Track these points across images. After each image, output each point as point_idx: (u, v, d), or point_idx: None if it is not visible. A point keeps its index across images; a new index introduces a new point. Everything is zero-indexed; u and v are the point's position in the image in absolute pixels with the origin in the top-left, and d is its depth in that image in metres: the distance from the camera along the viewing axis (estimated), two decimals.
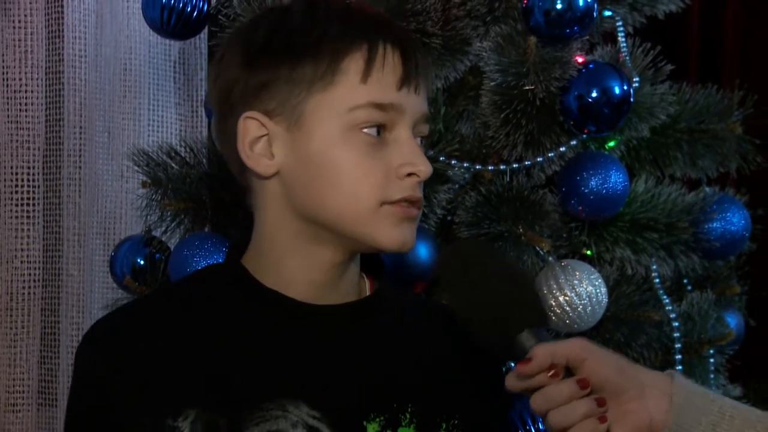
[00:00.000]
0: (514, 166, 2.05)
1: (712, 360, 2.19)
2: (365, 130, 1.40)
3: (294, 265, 1.45)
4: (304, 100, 1.40)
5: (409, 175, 1.41)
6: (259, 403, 1.39)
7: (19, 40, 2.69)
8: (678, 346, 2.12)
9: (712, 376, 2.19)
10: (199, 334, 1.44)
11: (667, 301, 2.13)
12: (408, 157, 1.41)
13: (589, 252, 2.12)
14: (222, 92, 1.47)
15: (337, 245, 1.44)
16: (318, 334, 1.44)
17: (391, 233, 1.41)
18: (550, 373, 1.27)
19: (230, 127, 1.45)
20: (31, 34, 2.69)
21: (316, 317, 1.44)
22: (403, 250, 1.44)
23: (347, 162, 1.40)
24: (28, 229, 2.70)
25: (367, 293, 1.51)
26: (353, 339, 1.45)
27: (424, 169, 1.42)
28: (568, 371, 1.28)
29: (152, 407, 1.39)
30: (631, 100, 2.04)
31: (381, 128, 1.41)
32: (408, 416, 1.42)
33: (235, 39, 1.50)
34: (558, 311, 1.98)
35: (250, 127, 1.43)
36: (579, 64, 2.03)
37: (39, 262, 2.72)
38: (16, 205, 2.69)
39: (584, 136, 2.07)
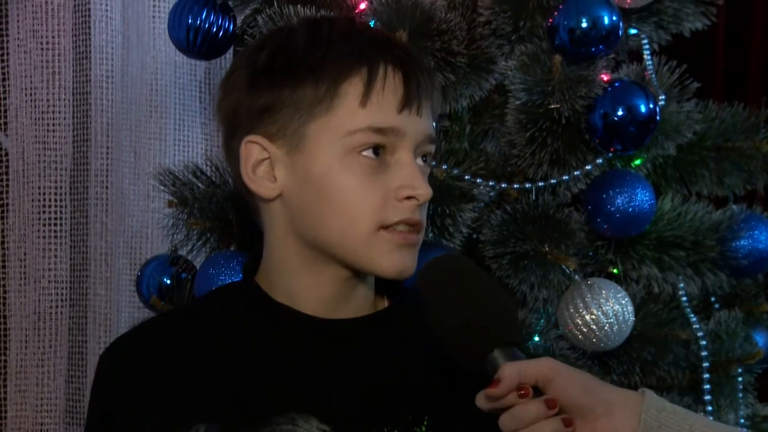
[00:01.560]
0: (540, 184, 2.05)
1: (740, 379, 2.18)
2: (364, 153, 1.41)
3: (302, 282, 1.47)
4: (304, 123, 1.42)
5: (409, 198, 1.42)
6: (269, 417, 1.40)
7: (47, 61, 2.71)
8: (705, 365, 2.11)
9: (740, 395, 2.17)
10: (212, 350, 1.47)
11: (694, 319, 2.13)
12: (407, 180, 1.42)
13: (615, 270, 2.12)
14: (227, 114, 1.49)
15: (341, 264, 1.45)
16: (328, 348, 1.45)
17: (389, 259, 1.42)
18: (520, 393, 1.27)
19: (234, 149, 1.47)
20: (59, 56, 2.71)
21: (326, 331, 1.46)
22: (402, 277, 1.45)
23: (346, 186, 1.41)
24: (56, 249, 2.72)
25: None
26: (364, 352, 1.46)
27: (423, 192, 1.42)
28: (537, 391, 1.28)
29: (164, 421, 1.42)
30: (657, 118, 2.04)
31: (381, 150, 1.41)
32: (424, 429, 1.42)
33: (241, 60, 1.51)
34: (584, 330, 1.97)
35: (252, 150, 1.45)
36: (604, 82, 2.03)
37: (66, 281, 2.73)
38: (44, 225, 2.70)
39: (610, 154, 2.07)
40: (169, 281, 2.16)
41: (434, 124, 1.49)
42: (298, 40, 1.45)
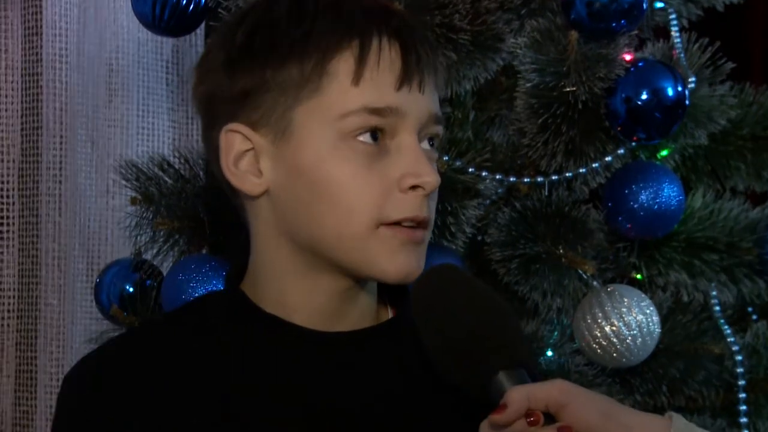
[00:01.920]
0: (553, 178, 2.07)
1: None
2: (360, 138, 1.40)
3: (295, 291, 1.46)
4: (291, 108, 1.41)
5: (414, 188, 1.40)
6: None
7: None
8: (742, 383, 2.12)
9: None
10: (196, 370, 1.46)
11: (728, 331, 2.14)
12: (411, 167, 1.40)
13: (639, 276, 2.13)
14: (203, 101, 1.49)
15: (338, 271, 1.44)
16: (324, 364, 1.46)
17: (393, 260, 1.41)
18: (529, 420, 1.26)
19: (213, 141, 1.46)
20: (5, 32, 2.72)
21: (321, 345, 1.46)
22: (408, 281, 1.42)
23: (341, 176, 1.40)
24: (1, 253, 2.72)
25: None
26: (363, 370, 1.47)
27: (430, 180, 1.40)
28: (549, 417, 1.28)
29: None
30: (687, 102, 2.05)
31: (379, 134, 1.41)
32: None
33: (216, 39, 1.51)
34: (604, 343, 1.99)
35: (233, 141, 1.44)
36: (627, 62, 2.05)
37: (14, 289, 2.74)
38: None
39: (633, 143, 2.08)
40: (131, 289, 2.17)
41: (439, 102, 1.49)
42: (280, 14, 1.44)
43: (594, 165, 2.06)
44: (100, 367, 1.49)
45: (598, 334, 1.99)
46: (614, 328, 1.98)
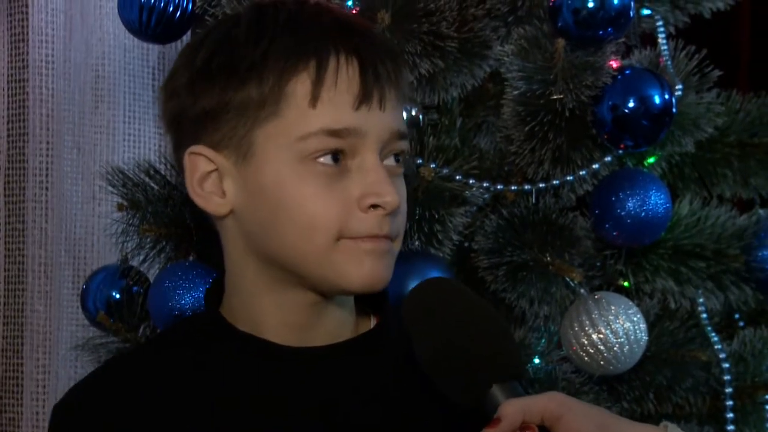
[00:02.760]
0: (540, 185, 2.06)
1: (767, 407, 2.19)
2: (321, 160, 1.39)
3: (264, 306, 1.46)
4: (251, 130, 1.40)
5: (374, 207, 1.40)
6: None
7: None
8: (728, 390, 2.12)
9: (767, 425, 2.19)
10: (179, 392, 1.46)
11: (715, 339, 2.14)
12: (371, 187, 1.39)
13: (626, 283, 2.13)
14: (170, 122, 1.48)
15: (306, 286, 1.44)
16: (297, 378, 1.45)
17: (357, 270, 1.40)
18: None
19: (180, 161, 1.46)
20: None
21: (294, 361, 1.45)
22: (375, 289, 1.42)
23: (301, 198, 1.39)
24: None
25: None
26: (339, 384, 1.46)
27: (390, 199, 1.39)
28: (544, 430, 1.27)
29: None
30: (674, 110, 2.05)
31: (340, 155, 1.39)
32: None
33: (180, 59, 1.49)
34: (591, 351, 1.98)
35: (198, 162, 1.43)
36: (613, 69, 2.04)
37: (0, 296, 2.73)
38: None
39: (620, 151, 2.08)
40: (118, 295, 2.17)
41: (405, 113, 1.48)
42: (239, 34, 1.42)
43: (581, 172, 2.06)
44: (88, 395, 1.50)
45: (586, 342, 1.99)
46: (601, 335, 1.98)
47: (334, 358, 1.46)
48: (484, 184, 2.05)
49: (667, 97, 2.03)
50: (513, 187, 2.07)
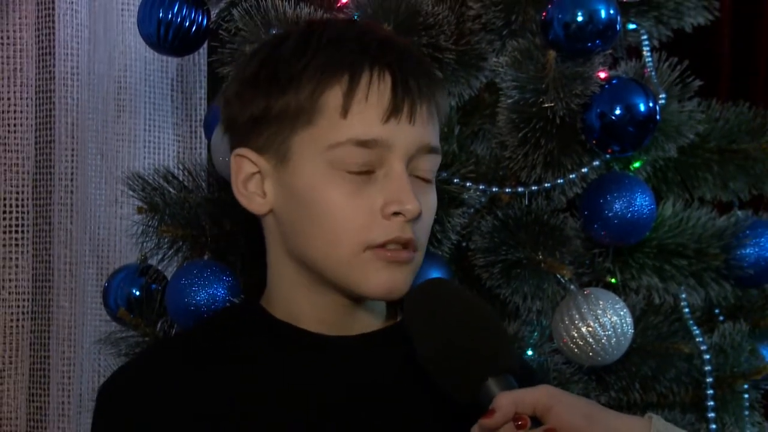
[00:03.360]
0: (533, 188, 2.06)
1: (746, 396, 2.18)
2: (349, 167, 1.41)
3: (302, 303, 1.49)
4: (288, 136, 1.43)
5: (396, 214, 1.41)
6: None
7: (8, 57, 2.72)
8: (709, 380, 2.12)
9: (746, 413, 2.18)
10: (215, 376, 1.49)
11: (697, 332, 2.14)
12: (394, 195, 1.41)
13: (613, 280, 2.13)
14: (225, 127, 1.53)
15: (336, 289, 1.46)
16: (330, 364, 1.47)
17: (376, 279, 1.42)
18: (517, 424, 1.27)
19: (231, 163, 1.50)
20: (20, 51, 2.72)
21: (328, 348, 1.47)
22: (391, 297, 1.45)
23: (330, 202, 1.41)
24: (17, 258, 2.72)
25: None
26: (366, 369, 1.47)
27: (411, 208, 1.41)
28: (536, 421, 1.28)
29: None
30: (658, 118, 2.05)
31: (368, 164, 1.42)
32: None
33: (235, 70, 1.54)
34: (580, 343, 1.99)
35: (242, 164, 1.47)
36: (601, 79, 2.04)
37: (28, 293, 2.74)
38: (4, 233, 2.71)
39: (607, 156, 2.08)
40: (138, 293, 2.17)
41: (438, 130, 1.48)
42: (285, 49, 1.46)
43: (571, 176, 2.06)
44: (132, 377, 1.52)
45: (575, 335, 1.98)
46: (590, 328, 1.98)
47: (365, 346, 1.49)
48: (481, 187, 2.06)
49: (651, 105, 2.03)
50: (507, 190, 2.07)
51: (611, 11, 2.00)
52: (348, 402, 1.46)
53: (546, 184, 2.06)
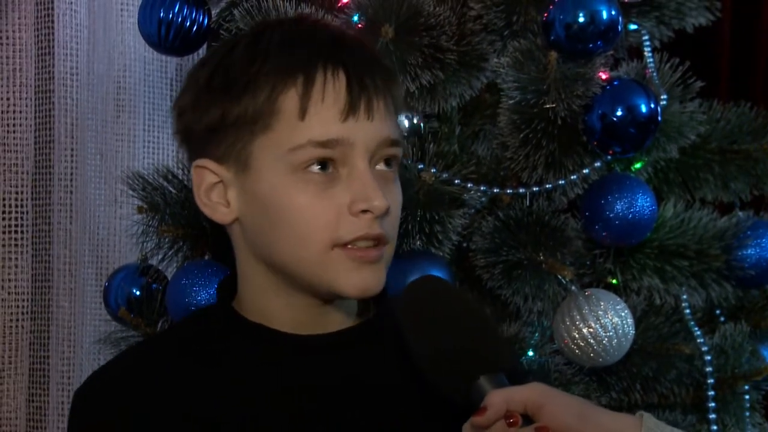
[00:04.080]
0: (534, 189, 2.06)
1: (747, 396, 2.19)
2: (311, 169, 1.40)
3: (273, 305, 1.48)
4: (248, 143, 1.42)
5: (364, 212, 1.40)
6: None
7: (7, 57, 2.71)
8: (710, 381, 2.12)
9: (747, 413, 2.19)
10: (191, 378, 1.48)
11: (698, 333, 2.14)
12: (360, 193, 1.40)
13: (614, 281, 2.13)
14: (181, 137, 1.51)
15: (308, 290, 1.45)
16: (307, 365, 1.46)
17: (348, 278, 1.41)
18: (509, 421, 1.27)
19: (191, 174, 1.49)
20: (20, 51, 2.71)
21: (304, 348, 1.47)
22: (366, 296, 1.44)
23: (296, 205, 1.40)
24: (16, 258, 2.72)
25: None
26: (340, 366, 1.47)
27: (379, 204, 1.39)
28: (527, 419, 1.28)
29: None
30: (659, 118, 2.05)
31: (329, 163, 1.40)
32: None
33: (188, 79, 1.52)
34: (581, 344, 1.98)
35: (204, 175, 1.46)
36: (603, 80, 2.04)
37: (27, 293, 2.73)
38: (4, 233, 2.70)
39: (609, 157, 2.08)
40: (138, 292, 2.17)
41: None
42: (237, 54, 1.45)
43: (572, 177, 2.06)
44: (106, 382, 1.51)
45: (576, 336, 1.98)
46: (591, 329, 1.98)
47: (338, 344, 1.48)
48: (482, 188, 2.05)
49: (652, 106, 2.03)
50: (508, 191, 2.07)
51: (613, 12, 2.00)
52: (327, 400, 1.45)
53: (547, 185, 2.06)
